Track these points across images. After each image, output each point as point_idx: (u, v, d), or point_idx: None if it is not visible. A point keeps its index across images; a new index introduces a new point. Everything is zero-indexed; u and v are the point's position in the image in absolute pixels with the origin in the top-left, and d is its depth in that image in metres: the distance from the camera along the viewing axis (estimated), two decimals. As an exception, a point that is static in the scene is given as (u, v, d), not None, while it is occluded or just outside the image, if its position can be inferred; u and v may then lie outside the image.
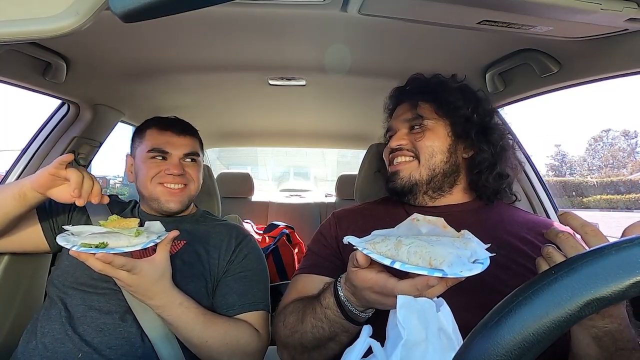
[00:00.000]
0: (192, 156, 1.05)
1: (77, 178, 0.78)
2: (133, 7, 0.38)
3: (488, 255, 0.51)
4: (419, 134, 0.88)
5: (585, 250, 0.47)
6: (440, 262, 0.47)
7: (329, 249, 0.88)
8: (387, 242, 0.53)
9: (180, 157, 1.02)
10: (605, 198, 27.40)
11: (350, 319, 0.64)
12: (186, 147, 1.03)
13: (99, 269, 0.71)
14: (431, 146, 0.86)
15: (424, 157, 0.86)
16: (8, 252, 1.05)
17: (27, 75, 1.03)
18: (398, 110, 0.96)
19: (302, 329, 0.71)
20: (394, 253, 0.51)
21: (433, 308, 0.43)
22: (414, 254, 0.49)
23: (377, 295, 0.56)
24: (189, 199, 1.04)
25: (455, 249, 0.49)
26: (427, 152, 0.86)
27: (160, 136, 1.02)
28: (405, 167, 0.87)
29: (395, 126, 0.93)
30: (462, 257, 0.48)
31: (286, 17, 0.86)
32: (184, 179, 1.01)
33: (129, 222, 0.76)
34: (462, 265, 0.47)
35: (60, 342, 0.83)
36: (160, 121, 1.06)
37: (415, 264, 0.49)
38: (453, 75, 0.95)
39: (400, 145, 0.88)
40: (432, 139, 0.87)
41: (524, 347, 0.26)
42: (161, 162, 1.01)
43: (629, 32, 0.73)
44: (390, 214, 0.89)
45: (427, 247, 0.49)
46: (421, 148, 0.86)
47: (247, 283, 0.96)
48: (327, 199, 2.82)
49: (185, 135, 1.05)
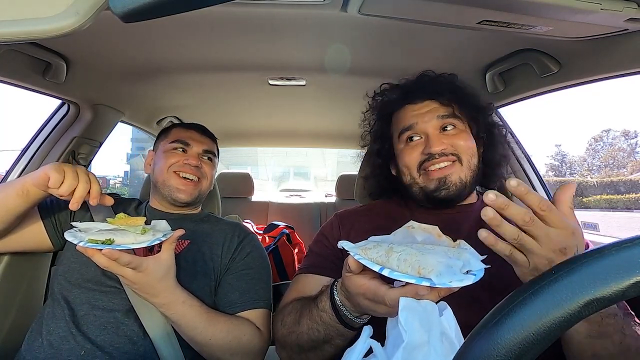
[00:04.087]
0: (209, 154, 1.12)
1: (56, 177, 0.75)
2: (133, 7, 0.38)
3: (483, 267, 0.50)
4: (454, 135, 0.83)
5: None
6: (429, 271, 0.47)
7: (331, 249, 0.88)
8: (378, 249, 0.53)
9: (199, 152, 1.09)
10: (605, 198, 27.43)
11: (345, 323, 0.64)
12: (205, 144, 1.11)
13: (105, 266, 0.71)
14: (471, 147, 0.83)
15: (466, 158, 0.82)
16: (9, 252, 1.05)
17: (27, 75, 1.03)
18: (415, 108, 0.86)
19: (299, 329, 0.71)
20: (384, 260, 0.51)
21: (436, 311, 0.43)
22: (404, 262, 0.49)
23: (369, 302, 0.56)
24: (200, 194, 1.07)
25: (446, 259, 0.49)
26: (468, 153, 0.82)
27: (185, 132, 1.11)
28: (452, 172, 0.81)
29: (422, 127, 0.84)
30: (453, 267, 0.48)
31: (286, 17, 0.86)
32: (199, 173, 1.06)
33: (136, 220, 0.76)
34: (452, 276, 0.47)
35: (64, 340, 0.83)
36: (186, 124, 1.17)
37: (404, 272, 0.49)
38: (452, 75, 0.94)
39: (443, 150, 0.81)
40: (468, 140, 0.83)
41: (524, 347, 0.26)
42: (181, 153, 1.07)
43: (629, 32, 0.73)
44: (393, 216, 0.89)
45: (418, 255, 0.49)
46: (462, 149, 0.82)
47: (249, 281, 0.97)
48: (327, 199, 2.82)
49: (207, 136, 1.14)
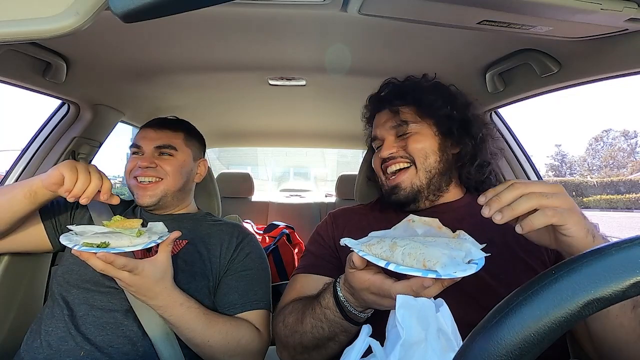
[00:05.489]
0: (164, 149, 1.01)
1: (71, 176, 0.78)
2: (133, 7, 0.38)
3: (483, 255, 0.52)
4: (407, 138, 0.86)
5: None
6: (434, 264, 0.48)
7: (327, 248, 0.89)
8: (382, 244, 0.54)
9: (151, 150, 1.00)
10: (605, 198, 27.41)
11: (350, 319, 0.64)
12: (158, 140, 1.01)
13: (100, 269, 0.71)
14: (423, 148, 0.85)
15: (419, 160, 0.85)
16: (9, 252, 1.05)
17: (27, 75, 1.03)
18: (379, 117, 0.93)
19: (302, 329, 0.72)
20: (388, 255, 0.52)
21: (432, 308, 0.43)
22: (408, 256, 0.50)
23: (374, 296, 0.57)
24: (165, 193, 1.00)
25: (449, 250, 0.50)
26: (421, 155, 0.85)
27: (140, 133, 1.04)
28: (405, 178, 0.85)
29: (380, 135, 0.91)
30: (456, 257, 0.49)
31: (286, 17, 0.86)
32: (156, 172, 0.99)
33: (132, 223, 0.76)
34: (456, 266, 0.48)
35: (63, 341, 0.83)
36: (145, 123, 1.07)
37: (410, 266, 0.50)
38: (424, 75, 0.95)
39: (391, 153, 0.86)
40: (421, 141, 0.86)
41: (524, 347, 0.26)
42: (138, 157, 1.01)
43: (629, 32, 0.73)
44: (386, 214, 0.90)
45: (422, 248, 0.51)
46: (414, 152, 0.85)
47: (248, 282, 0.96)
48: (327, 199, 2.82)
49: (163, 129, 1.03)
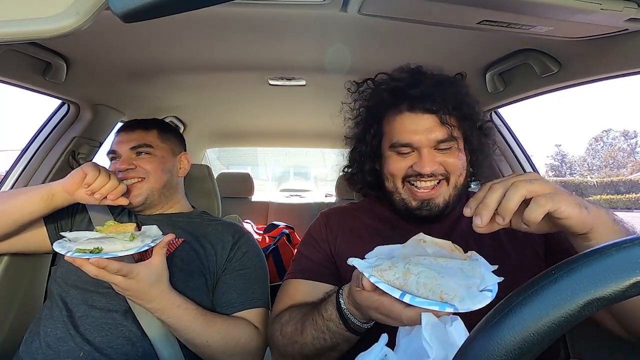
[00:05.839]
0: (140, 149, 1.00)
1: (93, 173, 0.82)
2: (133, 7, 0.38)
3: (496, 281, 0.50)
4: (447, 151, 0.74)
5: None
6: (451, 297, 0.46)
7: (321, 253, 0.84)
8: (395, 270, 0.51)
9: (127, 152, 1.00)
10: (605, 198, 27.40)
11: (353, 330, 0.64)
12: (133, 141, 1.01)
13: (94, 274, 0.71)
14: (462, 165, 0.75)
15: (454, 176, 0.75)
16: (9, 253, 1.05)
17: (27, 75, 1.03)
18: (412, 119, 0.75)
19: (302, 340, 0.70)
20: (402, 282, 0.50)
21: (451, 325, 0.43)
22: (424, 286, 0.48)
23: (382, 316, 0.55)
24: (151, 191, 0.99)
25: (465, 280, 0.48)
26: (457, 172, 0.75)
27: (114, 139, 1.04)
28: (438, 193, 0.75)
29: (418, 143, 0.73)
30: (472, 287, 0.47)
31: (286, 17, 0.86)
32: (136, 173, 0.98)
33: (126, 227, 0.77)
34: (473, 299, 0.46)
35: (62, 341, 0.83)
36: (121, 126, 1.08)
37: (425, 296, 0.48)
38: (458, 74, 0.85)
39: (434, 171, 0.73)
40: (461, 158, 0.75)
41: (524, 347, 0.26)
42: (115, 162, 1.01)
43: (629, 32, 0.73)
44: (379, 215, 0.87)
45: (437, 278, 0.48)
46: (452, 168, 0.75)
47: (246, 280, 0.96)
48: (327, 199, 2.82)
49: (135, 130, 1.03)
